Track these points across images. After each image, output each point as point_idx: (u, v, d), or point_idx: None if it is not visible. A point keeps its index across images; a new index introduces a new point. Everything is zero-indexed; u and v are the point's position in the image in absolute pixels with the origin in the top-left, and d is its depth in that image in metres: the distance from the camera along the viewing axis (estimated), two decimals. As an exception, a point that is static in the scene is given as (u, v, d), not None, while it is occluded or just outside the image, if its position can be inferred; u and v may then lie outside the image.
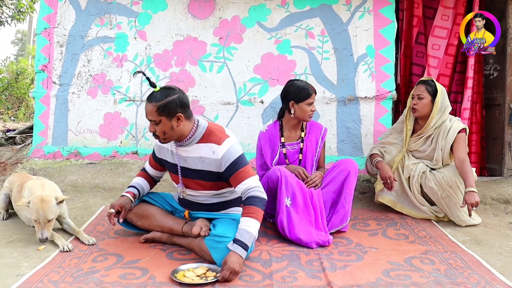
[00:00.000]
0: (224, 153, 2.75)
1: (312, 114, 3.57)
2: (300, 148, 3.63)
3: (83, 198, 4.16)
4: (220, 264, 2.60)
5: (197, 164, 2.86)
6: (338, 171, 3.43)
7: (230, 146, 2.78)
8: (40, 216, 2.91)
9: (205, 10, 4.84)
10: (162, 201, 3.21)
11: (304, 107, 3.51)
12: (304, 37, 4.72)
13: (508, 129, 4.64)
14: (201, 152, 2.83)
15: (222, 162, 2.77)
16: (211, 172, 2.84)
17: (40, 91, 4.95)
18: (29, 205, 2.94)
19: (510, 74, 4.61)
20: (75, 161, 4.81)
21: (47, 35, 4.97)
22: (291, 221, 3.15)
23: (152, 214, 3.09)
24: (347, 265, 2.75)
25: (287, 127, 3.66)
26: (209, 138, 2.82)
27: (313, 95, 3.53)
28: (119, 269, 2.64)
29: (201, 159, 2.84)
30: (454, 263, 2.79)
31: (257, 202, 2.68)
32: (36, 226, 2.94)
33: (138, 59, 4.87)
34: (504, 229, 3.58)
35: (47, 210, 2.92)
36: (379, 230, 3.47)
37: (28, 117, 12.36)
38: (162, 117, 2.70)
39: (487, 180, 4.57)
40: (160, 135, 2.79)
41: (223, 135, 2.82)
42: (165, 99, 2.69)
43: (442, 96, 3.73)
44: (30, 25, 22.90)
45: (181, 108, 2.74)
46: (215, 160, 2.79)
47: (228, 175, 2.79)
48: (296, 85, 3.57)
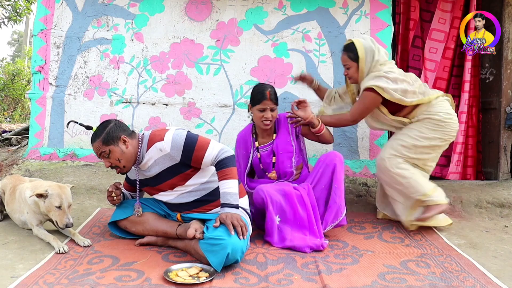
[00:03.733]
0: (170, 144, 2.86)
1: (266, 122, 3.42)
2: (272, 151, 3.52)
3: (79, 200, 4.14)
4: (218, 267, 2.61)
5: (156, 169, 2.97)
6: (324, 166, 3.30)
7: (173, 135, 2.88)
8: (63, 200, 2.96)
9: (202, 13, 4.84)
10: (154, 206, 3.22)
11: (256, 112, 3.42)
12: (301, 40, 4.73)
13: (503, 133, 4.66)
14: (153, 157, 2.94)
15: (174, 153, 2.86)
16: (170, 167, 2.92)
17: (36, 93, 4.94)
18: (48, 193, 2.95)
19: (506, 78, 4.63)
20: (71, 163, 4.80)
21: (43, 36, 4.96)
22: (282, 235, 3.13)
23: (146, 219, 3.11)
24: (343, 268, 2.76)
25: (259, 131, 3.57)
26: (153, 141, 2.93)
27: (265, 101, 3.36)
28: (115, 271, 2.64)
29: (156, 162, 2.94)
30: (449, 267, 2.80)
31: (227, 162, 2.81)
32: (59, 213, 2.96)
33: (135, 61, 4.86)
34: (500, 232, 3.59)
35: (68, 194, 3.02)
36: (375, 233, 3.47)
37: (24, 118, 12.33)
38: (110, 146, 2.88)
39: (483, 183, 4.58)
40: (117, 164, 2.93)
41: (163, 132, 2.93)
42: (105, 130, 2.90)
43: (365, 59, 3.54)
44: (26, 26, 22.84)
45: (122, 131, 2.93)
46: (166, 155, 2.88)
47: (187, 160, 2.88)
48: (256, 87, 3.48)
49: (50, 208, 2.97)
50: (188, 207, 3.05)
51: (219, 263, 2.61)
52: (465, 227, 3.71)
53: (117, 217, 3.16)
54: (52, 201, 2.95)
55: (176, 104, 4.80)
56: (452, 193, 4.21)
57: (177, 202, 3.05)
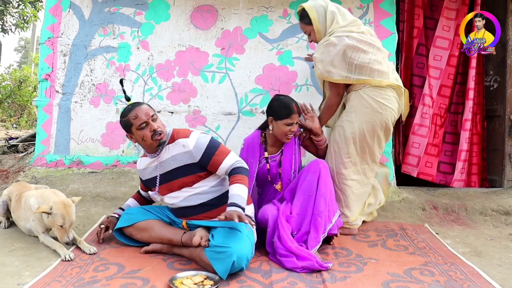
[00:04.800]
0: (195, 143, 2.98)
1: (290, 136, 3.38)
2: (279, 162, 3.47)
3: (85, 207, 4.17)
4: (223, 275, 2.62)
5: (171, 164, 3.04)
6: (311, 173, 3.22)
7: (198, 136, 3.02)
8: (66, 221, 2.98)
9: (208, 21, 4.88)
10: (159, 213, 3.24)
11: (281, 126, 3.32)
12: (306, 48, 4.75)
13: (508, 140, 4.66)
14: (172, 152, 3.03)
15: (195, 152, 2.97)
16: (186, 165, 3.01)
17: (43, 100, 4.98)
18: (52, 212, 2.97)
19: (510, 85, 4.64)
20: (77, 170, 4.83)
21: (50, 44, 5.01)
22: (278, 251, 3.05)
23: (151, 226, 3.12)
24: (347, 276, 2.76)
25: (269, 141, 3.49)
26: (176, 137, 3.06)
27: (293, 115, 3.31)
28: (120, 279, 2.65)
29: (173, 158, 3.03)
30: (453, 275, 2.79)
31: (241, 171, 2.93)
32: (60, 230, 2.99)
33: (141, 69, 4.90)
34: (505, 240, 3.59)
35: (71, 213, 3.02)
36: (378, 241, 3.48)
37: (31, 125, 12.40)
38: (155, 112, 3.06)
39: (487, 191, 4.58)
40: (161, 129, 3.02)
41: (188, 131, 3.08)
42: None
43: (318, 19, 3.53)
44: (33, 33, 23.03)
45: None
46: (188, 152, 2.98)
47: (205, 162, 2.98)
48: (279, 100, 3.39)
49: (53, 224, 3.01)
50: (193, 211, 3.06)
51: (225, 271, 2.62)
52: (470, 235, 3.71)
53: (123, 224, 3.18)
54: (55, 219, 2.97)
55: (182, 112, 4.83)
56: (456, 201, 4.22)
57: (183, 206, 3.07)
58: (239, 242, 2.72)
